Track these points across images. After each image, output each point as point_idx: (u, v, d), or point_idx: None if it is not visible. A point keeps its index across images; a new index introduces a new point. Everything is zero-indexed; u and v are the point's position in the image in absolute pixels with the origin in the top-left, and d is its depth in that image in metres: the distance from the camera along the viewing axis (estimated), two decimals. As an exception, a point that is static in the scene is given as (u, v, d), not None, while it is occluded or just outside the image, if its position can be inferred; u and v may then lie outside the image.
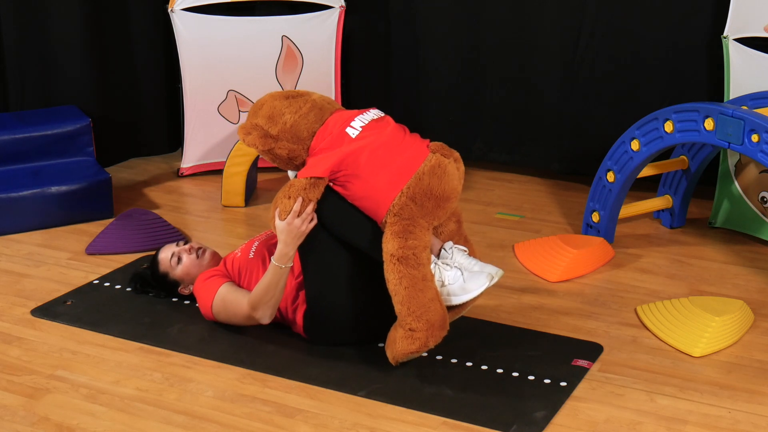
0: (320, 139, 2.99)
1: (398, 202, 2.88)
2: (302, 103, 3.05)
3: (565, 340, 3.20)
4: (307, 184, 2.91)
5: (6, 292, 3.60)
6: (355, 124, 2.99)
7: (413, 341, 2.85)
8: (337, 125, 3.00)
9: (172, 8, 4.62)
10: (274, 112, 3.03)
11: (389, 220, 2.89)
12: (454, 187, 2.96)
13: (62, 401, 2.87)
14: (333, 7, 4.78)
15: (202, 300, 3.25)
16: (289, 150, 3.01)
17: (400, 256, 2.84)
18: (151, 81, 5.11)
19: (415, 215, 2.89)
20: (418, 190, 2.89)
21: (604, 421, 2.74)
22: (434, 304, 2.86)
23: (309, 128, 3.01)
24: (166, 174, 4.98)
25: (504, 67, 4.73)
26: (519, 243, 3.97)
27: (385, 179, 2.91)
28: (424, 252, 2.88)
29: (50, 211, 4.21)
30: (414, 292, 2.83)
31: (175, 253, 3.41)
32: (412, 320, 2.84)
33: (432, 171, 2.91)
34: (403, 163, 2.92)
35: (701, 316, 3.21)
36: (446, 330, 2.90)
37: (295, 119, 3.01)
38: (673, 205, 4.14)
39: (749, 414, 2.78)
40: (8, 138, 4.35)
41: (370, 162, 2.92)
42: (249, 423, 2.75)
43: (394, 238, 2.86)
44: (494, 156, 4.90)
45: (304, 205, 2.91)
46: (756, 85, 3.84)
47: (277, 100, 3.07)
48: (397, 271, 2.84)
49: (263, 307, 3.06)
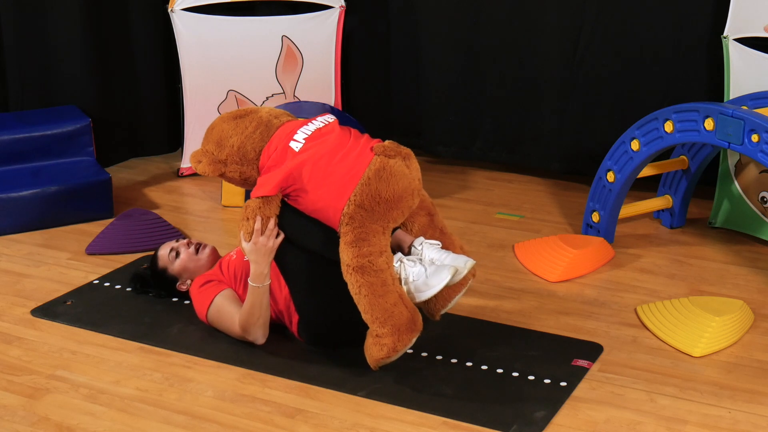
0: (266, 156, 3.00)
1: (347, 211, 2.84)
2: (248, 123, 3.06)
3: (565, 340, 3.20)
4: (260, 203, 2.92)
5: (6, 292, 3.61)
6: (298, 137, 2.99)
7: (381, 348, 2.84)
8: (281, 140, 3.00)
9: (172, 8, 4.63)
10: (222, 136, 3.06)
11: (342, 230, 2.86)
12: (405, 187, 2.89)
13: (62, 401, 2.87)
14: (333, 7, 4.78)
15: (197, 307, 3.25)
16: (240, 172, 3.04)
17: (355, 266, 2.82)
18: (151, 81, 5.11)
19: (365, 221, 2.84)
20: (365, 196, 2.84)
21: (604, 421, 2.75)
22: (397, 308, 2.82)
23: (255, 148, 3.02)
24: (166, 174, 4.98)
25: (504, 67, 4.73)
26: (519, 243, 3.97)
27: (331, 190, 2.88)
28: (381, 257, 2.83)
29: (50, 211, 4.21)
30: (374, 299, 2.81)
31: (173, 248, 3.41)
32: (377, 327, 2.83)
33: (377, 175, 2.86)
34: (346, 171, 2.89)
35: (701, 316, 3.21)
36: (417, 331, 2.87)
37: (241, 141, 3.02)
38: (673, 205, 4.14)
39: (749, 414, 2.78)
40: (8, 138, 4.35)
41: (314, 175, 2.90)
42: (249, 423, 2.76)
43: (347, 248, 2.83)
44: (494, 156, 4.91)
45: (265, 223, 2.92)
46: (756, 85, 3.84)
47: (225, 123, 3.09)
48: (355, 281, 2.81)
49: (253, 328, 3.07)
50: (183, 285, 3.41)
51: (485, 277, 3.65)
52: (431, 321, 3.29)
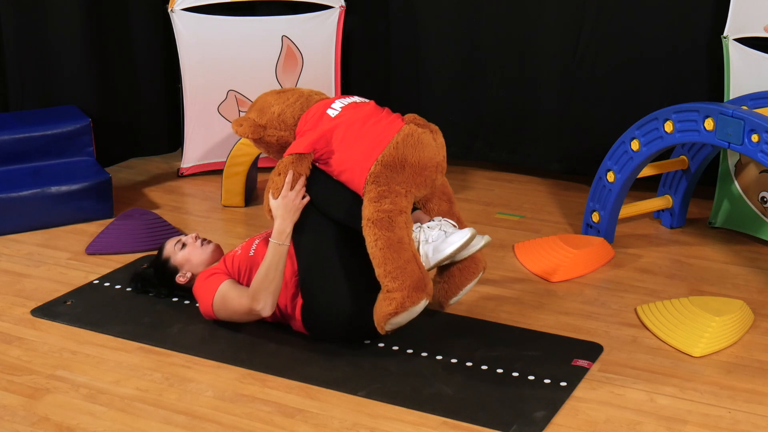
0: (303, 122, 3.18)
1: (374, 170, 2.99)
2: (290, 95, 3.28)
3: (565, 340, 3.20)
4: (293, 159, 3.08)
5: (6, 292, 3.61)
6: (335, 106, 3.18)
7: (390, 302, 2.90)
8: (319, 108, 3.19)
9: (172, 8, 4.63)
10: (264, 105, 3.27)
11: (367, 189, 3.00)
12: (431, 157, 3.04)
13: (62, 401, 2.87)
14: (333, 7, 4.78)
15: (202, 298, 3.25)
16: (278, 137, 3.21)
17: (375, 219, 2.94)
18: (151, 81, 5.11)
19: (390, 182, 2.98)
20: (392, 158, 2.99)
21: (604, 421, 2.75)
22: (410, 265, 2.91)
23: (294, 115, 3.21)
24: (166, 174, 4.98)
25: (504, 67, 4.74)
26: (519, 243, 3.97)
27: (360, 151, 3.03)
28: (400, 216, 2.95)
29: (50, 211, 4.21)
30: (389, 252, 2.91)
31: (180, 240, 3.47)
32: (389, 281, 2.90)
33: (405, 140, 3.01)
34: (377, 135, 3.04)
35: (701, 316, 3.21)
36: (427, 294, 2.93)
37: (281, 108, 3.22)
38: (673, 205, 4.14)
39: (749, 414, 2.78)
40: (8, 138, 4.35)
41: (346, 137, 3.07)
42: (249, 423, 2.76)
43: (369, 203, 2.97)
44: (494, 156, 4.91)
45: (295, 179, 3.06)
46: (756, 85, 3.84)
47: (269, 95, 3.32)
48: (373, 233, 2.93)
49: (264, 294, 3.07)
50: (182, 277, 3.42)
51: (485, 277, 3.64)
52: (431, 321, 3.30)
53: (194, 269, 3.41)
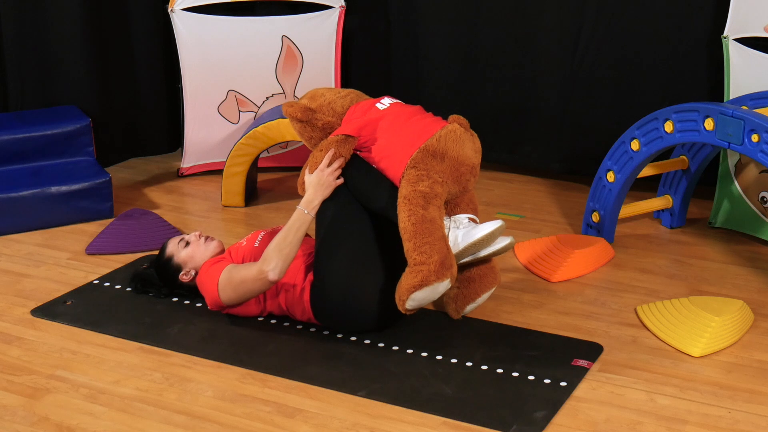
0: (352, 112, 3.30)
1: (416, 156, 3.10)
2: (342, 90, 3.43)
3: (565, 340, 3.20)
4: (339, 139, 3.19)
5: (6, 292, 3.61)
6: (385, 101, 3.32)
7: (416, 274, 2.95)
8: (369, 102, 3.33)
9: (172, 8, 4.63)
10: (316, 93, 3.40)
11: (406, 173, 3.11)
12: (469, 155, 3.16)
13: (62, 401, 2.87)
14: (333, 7, 4.78)
15: (207, 283, 3.25)
16: (325, 122, 3.31)
17: (410, 197, 3.04)
18: (151, 81, 5.11)
19: (429, 169, 3.09)
20: (434, 148, 3.11)
21: (604, 421, 2.75)
22: (440, 243, 2.99)
23: (345, 105, 3.34)
24: (166, 174, 4.98)
25: (504, 66, 4.74)
26: (519, 243, 3.97)
27: (403, 140, 3.15)
28: (435, 200, 3.05)
29: (50, 211, 4.21)
30: (421, 228, 2.99)
31: (183, 238, 3.46)
32: (417, 254, 2.97)
33: (448, 134, 3.14)
34: (421, 129, 3.17)
35: (701, 316, 3.21)
36: (452, 274, 2.99)
37: (333, 98, 3.35)
38: (673, 205, 4.14)
39: (749, 414, 2.78)
40: (8, 138, 4.35)
41: (391, 126, 3.20)
42: (249, 423, 2.76)
43: (407, 184, 3.07)
44: (494, 156, 4.91)
45: (335, 157, 3.16)
46: (756, 85, 3.84)
47: (321, 88, 3.47)
48: (407, 209, 3.02)
49: (276, 255, 3.09)
50: (186, 276, 3.41)
51: (485, 277, 3.65)
52: (431, 321, 3.30)
53: (197, 267, 3.40)
